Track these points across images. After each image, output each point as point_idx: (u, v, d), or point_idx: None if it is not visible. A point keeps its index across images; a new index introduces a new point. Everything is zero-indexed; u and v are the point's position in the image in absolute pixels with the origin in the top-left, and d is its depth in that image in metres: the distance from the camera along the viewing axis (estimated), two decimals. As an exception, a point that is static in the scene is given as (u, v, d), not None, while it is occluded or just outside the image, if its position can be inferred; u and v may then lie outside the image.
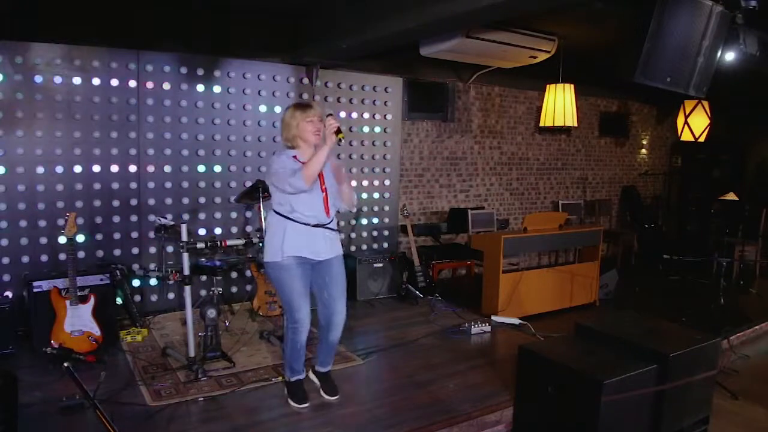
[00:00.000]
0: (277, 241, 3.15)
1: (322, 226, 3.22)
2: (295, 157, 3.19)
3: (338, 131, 2.99)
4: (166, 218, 4.36)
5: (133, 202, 4.87)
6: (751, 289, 6.55)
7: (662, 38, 3.20)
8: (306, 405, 3.35)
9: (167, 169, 4.98)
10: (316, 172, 3.01)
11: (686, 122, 7.01)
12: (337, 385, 3.55)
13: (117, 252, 4.85)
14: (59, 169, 4.53)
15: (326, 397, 3.46)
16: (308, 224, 3.16)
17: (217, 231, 5.26)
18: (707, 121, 6.95)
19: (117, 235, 4.83)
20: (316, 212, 3.19)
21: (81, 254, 4.61)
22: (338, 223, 5.75)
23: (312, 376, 3.58)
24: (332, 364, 3.60)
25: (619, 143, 8.60)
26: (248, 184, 5.02)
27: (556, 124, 6.27)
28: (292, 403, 3.37)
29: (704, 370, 3.12)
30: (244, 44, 5.15)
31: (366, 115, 5.97)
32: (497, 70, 6.19)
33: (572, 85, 6.18)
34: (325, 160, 3.02)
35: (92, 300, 3.97)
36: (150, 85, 4.83)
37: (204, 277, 5.10)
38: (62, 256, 4.49)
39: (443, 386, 3.71)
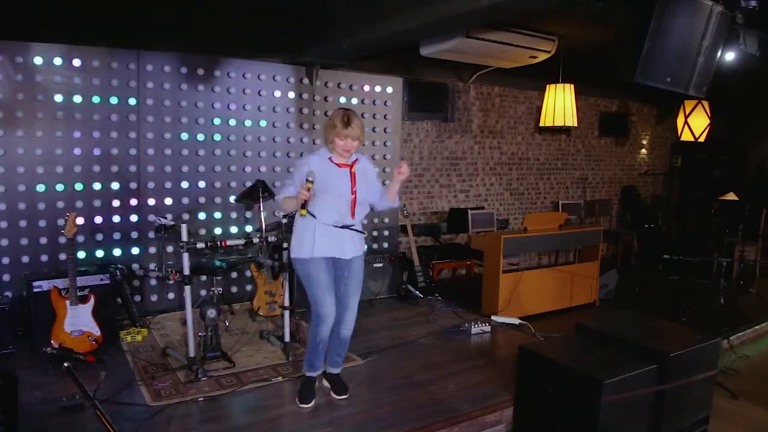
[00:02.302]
0: (307, 240, 3.24)
1: (348, 227, 3.29)
2: (330, 158, 3.26)
3: (303, 205, 3.08)
4: (166, 218, 4.36)
5: (133, 202, 4.87)
6: (751, 289, 6.55)
7: (662, 38, 3.20)
8: (307, 406, 3.36)
9: (167, 169, 4.98)
10: (282, 209, 3.46)
11: (686, 122, 7.01)
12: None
13: (117, 252, 4.85)
14: (59, 169, 4.53)
15: (334, 396, 3.49)
16: (336, 226, 3.25)
17: (217, 231, 5.26)
18: (707, 121, 6.95)
19: (117, 235, 4.83)
20: (341, 215, 3.26)
21: (81, 254, 4.61)
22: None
23: (323, 382, 3.61)
24: (342, 365, 3.62)
25: (619, 143, 8.60)
26: (248, 184, 5.01)
27: (556, 124, 6.27)
28: (297, 401, 3.39)
29: (704, 370, 3.12)
30: (244, 44, 5.15)
31: (366, 115, 5.96)
32: (497, 70, 6.19)
33: (572, 85, 6.18)
34: (290, 209, 3.31)
35: (92, 300, 3.97)
36: (150, 85, 4.83)
37: (204, 277, 5.10)
38: (62, 256, 4.49)
39: (443, 386, 3.71)
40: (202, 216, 5.17)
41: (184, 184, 5.07)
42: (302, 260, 3.27)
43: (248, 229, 5.39)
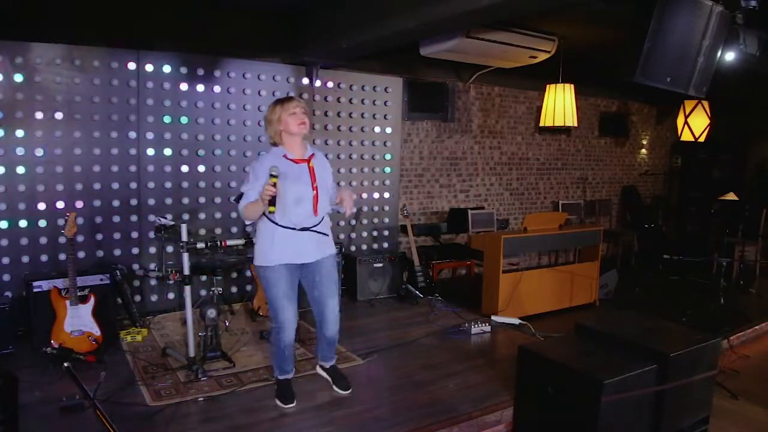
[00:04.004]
0: (266, 247, 3.18)
1: (309, 229, 3.21)
2: (285, 156, 3.19)
3: (272, 202, 2.98)
4: (166, 218, 4.36)
5: (133, 202, 4.87)
6: (751, 289, 6.54)
7: (662, 38, 3.20)
8: (292, 405, 3.35)
9: (167, 169, 4.98)
10: (247, 219, 3.19)
11: (686, 122, 7.00)
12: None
13: (117, 252, 4.84)
14: (59, 169, 4.53)
15: (339, 392, 3.50)
16: (294, 229, 3.16)
17: (217, 231, 5.26)
18: (707, 121, 6.95)
19: (117, 235, 4.83)
20: (303, 215, 3.18)
21: (81, 254, 4.61)
22: (336, 224, 5.76)
23: (321, 373, 3.64)
24: (335, 359, 3.64)
25: (619, 143, 8.60)
26: (248, 184, 5.01)
27: (556, 124, 6.27)
28: (278, 403, 3.37)
29: (704, 370, 3.12)
30: (244, 44, 5.15)
31: (366, 115, 5.96)
32: (497, 70, 6.19)
33: (572, 85, 6.18)
34: (256, 216, 3.13)
35: (92, 300, 3.97)
36: (150, 85, 4.83)
37: (204, 277, 5.10)
38: (62, 256, 4.49)
39: (443, 386, 3.71)
40: (202, 216, 5.17)
41: (184, 184, 5.07)
42: (262, 267, 3.20)
43: (248, 229, 5.39)
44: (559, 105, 6.18)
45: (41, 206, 4.50)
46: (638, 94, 8.32)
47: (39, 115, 4.41)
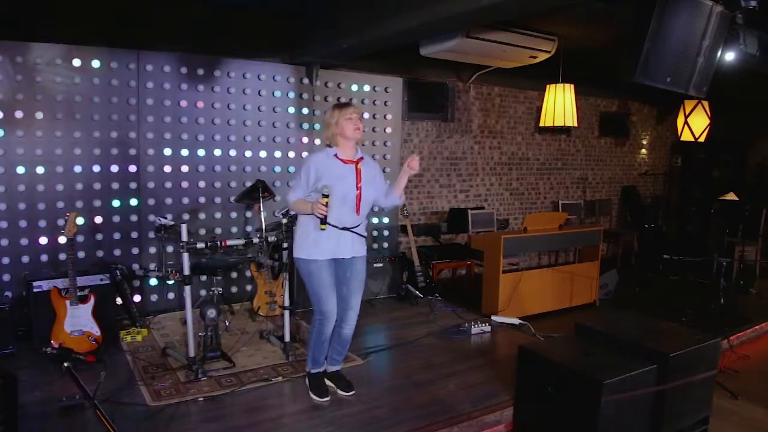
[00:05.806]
0: (310, 241, 3.28)
1: (350, 229, 3.32)
2: (336, 155, 3.30)
3: (323, 221, 3.12)
4: (166, 218, 4.36)
5: (133, 202, 4.87)
6: (751, 289, 6.54)
7: (662, 38, 3.20)
8: (327, 399, 3.42)
9: (167, 169, 4.98)
10: (294, 210, 3.41)
11: (686, 122, 7.00)
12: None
13: (117, 252, 4.84)
14: (59, 169, 4.53)
15: (342, 393, 3.52)
16: (336, 227, 3.27)
17: (217, 231, 5.26)
18: (707, 121, 6.95)
19: (117, 235, 4.83)
20: (346, 213, 3.29)
21: (81, 254, 4.61)
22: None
23: (326, 382, 3.65)
24: (341, 364, 3.67)
25: (619, 143, 8.60)
26: (248, 184, 5.02)
27: (556, 124, 6.27)
28: (313, 396, 3.44)
29: (704, 370, 3.12)
30: (244, 44, 5.15)
31: (366, 115, 5.95)
32: (497, 70, 6.19)
33: (572, 85, 6.17)
34: (302, 213, 3.29)
35: (92, 300, 3.97)
36: (150, 85, 4.83)
37: (204, 277, 5.10)
38: (62, 256, 4.49)
39: (443, 386, 3.71)
40: (202, 216, 5.17)
41: (184, 184, 5.07)
42: (305, 260, 3.30)
43: (248, 229, 5.39)
44: (559, 105, 6.18)
45: (41, 206, 4.50)
46: (638, 94, 8.32)
47: (39, 115, 4.41)
